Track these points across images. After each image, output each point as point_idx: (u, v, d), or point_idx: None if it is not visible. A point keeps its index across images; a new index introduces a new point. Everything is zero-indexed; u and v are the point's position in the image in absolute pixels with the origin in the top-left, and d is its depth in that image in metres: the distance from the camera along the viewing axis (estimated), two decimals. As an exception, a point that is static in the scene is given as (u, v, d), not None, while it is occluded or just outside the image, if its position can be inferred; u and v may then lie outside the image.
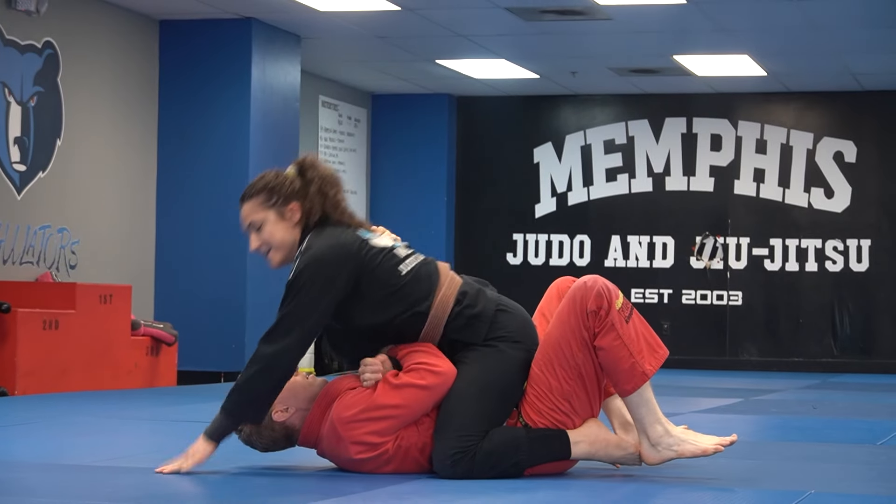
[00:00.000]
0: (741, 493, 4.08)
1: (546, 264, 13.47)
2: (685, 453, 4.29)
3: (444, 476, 4.16)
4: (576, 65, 11.97)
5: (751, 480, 4.39)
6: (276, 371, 4.15)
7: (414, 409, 4.15)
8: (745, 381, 10.86)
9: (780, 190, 13.05)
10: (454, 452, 4.12)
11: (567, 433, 4.26)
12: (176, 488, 3.98)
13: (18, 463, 4.64)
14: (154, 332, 9.09)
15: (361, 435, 4.13)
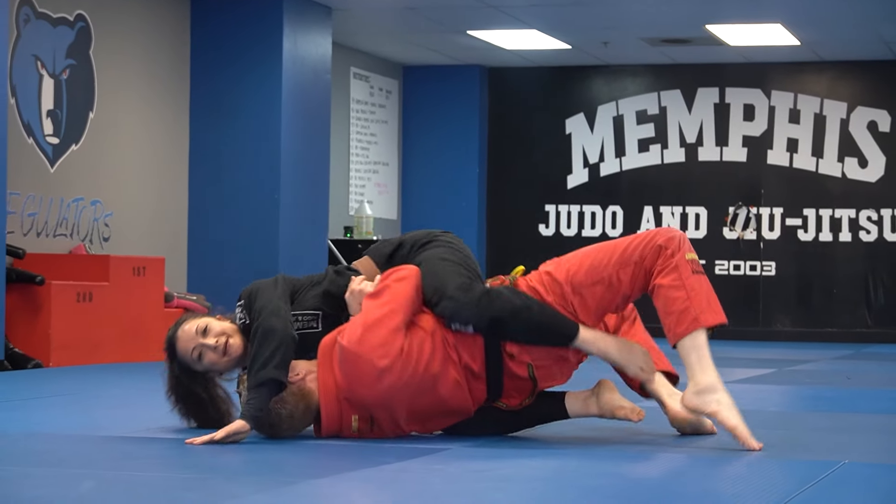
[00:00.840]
0: (774, 463, 4.07)
1: (578, 235, 13.43)
2: (723, 415, 4.26)
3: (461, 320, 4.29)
4: (608, 35, 11.91)
5: (784, 451, 4.37)
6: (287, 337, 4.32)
7: (401, 300, 4.31)
8: (778, 351, 10.82)
9: (814, 160, 12.97)
10: (457, 285, 4.32)
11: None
12: (207, 460, 3.99)
13: (52, 434, 4.66)
14: (187, 303, 9.09)
15: (375, 343, 4.24)
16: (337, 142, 12.06)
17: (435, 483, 3.62)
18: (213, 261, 10.09)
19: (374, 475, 3.74)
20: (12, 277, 7.94)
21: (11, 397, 6.13)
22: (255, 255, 10.03)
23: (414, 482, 3.64)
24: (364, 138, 12.83)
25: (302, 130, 10.29)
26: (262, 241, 10.05)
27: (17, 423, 5.04)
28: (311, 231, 10.45)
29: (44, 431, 4.75)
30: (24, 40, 8.55)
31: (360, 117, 12.76)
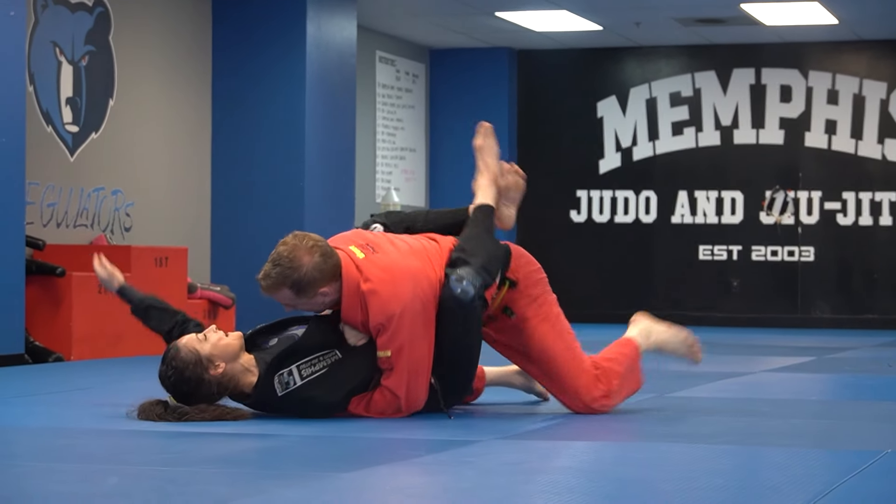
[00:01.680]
0: (815, 453, 4.08)
1: (611, 221, 13.31)
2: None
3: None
4: (640, 15, 11.79)
5: (825, 441, 4.42)
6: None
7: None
8: (817, 339, 10.86)
9: (853, 142, 12.82)
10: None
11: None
12: (233, 453, 4.03)
13: (75, 429, 4.66)
14: (211, 294, 9.01)
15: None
16: (363, 128, 11.97)
17: (467, 476, 3.61)
18: (237, 251, 10.01)
19: (405, 468, 3.75)
20: (32, 269, 7.90)
21: (33, 392, 6.17)
22: (280, 245, 9.91)
23: (445, 475, 3.65)
24: (390, 124, 12.72)
25: (327, 117, 10.19)
26: (286, 230, 9.75)
27: (39, 418, 5.07)
28: (337, 220, 10.35)
29: (66, 426, 4.77)
30: (42, 27, 8.45)
31: (387, 102, 12.66)
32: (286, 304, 4.79)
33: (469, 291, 4.67)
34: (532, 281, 5.04)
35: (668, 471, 3.77)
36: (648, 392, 5.98)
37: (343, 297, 4.72)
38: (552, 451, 4.17)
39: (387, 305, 4.66)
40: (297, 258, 4.70)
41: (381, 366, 4.71)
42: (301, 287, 4.68)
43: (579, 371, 4.96)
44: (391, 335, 4.65)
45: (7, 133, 7.46)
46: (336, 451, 4.09)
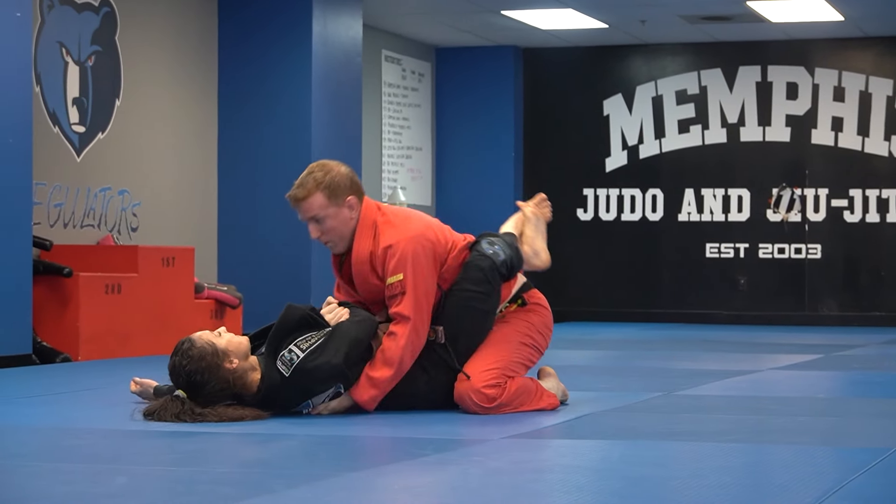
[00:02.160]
0: (823, 451, 4.08)
1: (618, 219, 13.28)
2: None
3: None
4: (645, 13, 11.76)
5: (833, 438, 4.41)
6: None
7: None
8: (824, 336, 10.82)
9: (860, 139, 12.79)
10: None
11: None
12: (241, 454, 4.02)
13: (83, 429, 4.66)
14: (218, 294, 9.00)
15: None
16: (369, 127, 11.95)
17: (474, 474, 3.61)
18: (244, 251, 10.00)
19: (412, 467, 3.74)
20: (39, 269, 7.88)
21: (41, 392, 6.16)
22: (287, 245, 9.93)
23: (452, 474, 3.64)
24: (396, 123, 12.70)
25: (333, 115, 10.18)
26: (293, 229, 9.93)
27: (47, 418, 5.07)
28: (344, 218, 10.31)
29: (74, 426, 4.76)
30: (48, 27, 8.45)
31: (393, 101, 12.64)
32: (315, 220, 4.94)
33: (500, 255, 4.95)
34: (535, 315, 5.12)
35: (676, 469, 3.76)
36: (656, 390, 5.97)
37: (358, 225, 4.94)
38: (560, 449, 4.17)
39: (398, 232, 4.90)
40: (328, 165, 5.01)
41: (391, 292, 4.85)
42: (333, 189, 4.90)
43: (503, 360, 4.95)
44: (400, 259, 4.85)
45: (14, 133, 7.46)
46: (343, 450, 4.09)
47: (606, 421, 4.84)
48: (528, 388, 4.98)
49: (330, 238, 4.97)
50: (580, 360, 7.92)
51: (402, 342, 4.81)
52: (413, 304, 4.83)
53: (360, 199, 4.98)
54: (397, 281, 4.84)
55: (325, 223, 4.93)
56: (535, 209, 5.34)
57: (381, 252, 4.88)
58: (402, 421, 4.70)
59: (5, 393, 6.03)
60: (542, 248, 5.29)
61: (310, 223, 4.98)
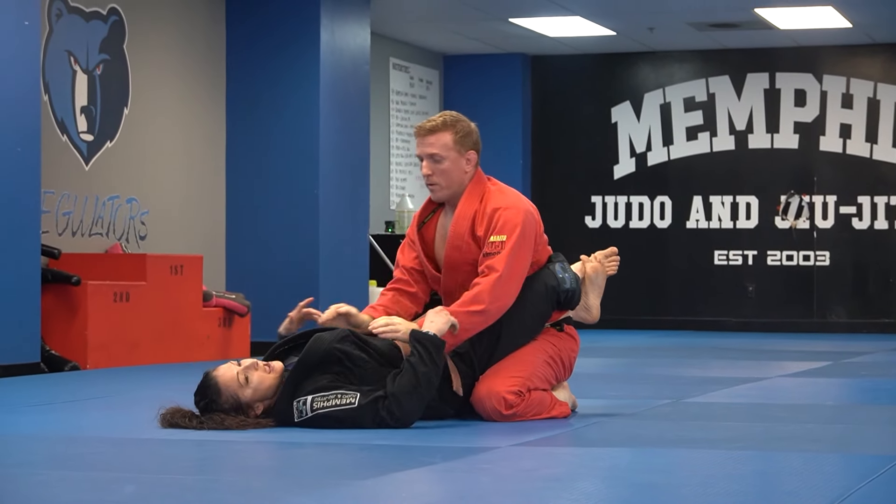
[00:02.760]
0: (832, 458, 4.06)
1: (626, 227, 13.28)
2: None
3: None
4: (653, 20, 11.75)
5: (842, 445, 4.40)
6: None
7: None
8: (833, 343, 10.81)
9: (868, 146, 12.78)
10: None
11: None
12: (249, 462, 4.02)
13: (91, 437, 4.66)
14: (226, 302, 9.00)
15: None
16: (377, 134, 11.95)
17: (483, 483, 3.61)
18: (252, 258, 9.99)
19: (421, 475, 3.74)
20: (48, 278, 7.89)
21: (49, 400, 6.15)
22: (295, 252, 9.92)
23: (461, 482, 3.64)
24: (404, 130, 12.70)
25: (341, 123, 10.17)
26: (301, 237, 9.94)
27: (56, 427, 5.06)
28: (352, 227, 10.33)
29: (82, 435, 4.77)
30: (56, 35, 8.46)
31: (401, 109, 12.65)
32: (434, 158, 4.96)
33: (566, 282, 5.04)
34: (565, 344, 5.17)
35: (685, 476, 3.75)
36: (665, 398, 5.96)
37: (471, 182, 5.00)
38: (569, 457, 4.16)
39: (510, 200, 4.97)
40: (462, 117, 5.06)
41: (491, 250, 4.88)
42: (463, 136, 4.96)
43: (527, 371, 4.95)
44: (508, 223, 4.89)
45: (22, 142, 7.46)
46: (353, 458, 4.08)
47: (615, 428, 4.83)
48: (542, 399, 4.98)
49: (439, 181, 4.99)
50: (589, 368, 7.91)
51: (486, 286, 4.82)
52: (507, 262, 4.86)
53: (478, 160, 5.05)
54: (500, 241, 4.89)
55: (443, 164, 4.97)
56: (597, 265, 5.36)
57: (489, 211, 4.94)
58: (411, 429, 4.69)
59: (14, 401, 6.03)
60: (594, 306, 5.36)
61: (426, 159, 5.00)
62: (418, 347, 4.62)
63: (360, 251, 10.41)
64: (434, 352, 4.63)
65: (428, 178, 5.00)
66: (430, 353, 4.62)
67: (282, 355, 4.89)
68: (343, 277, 10.14)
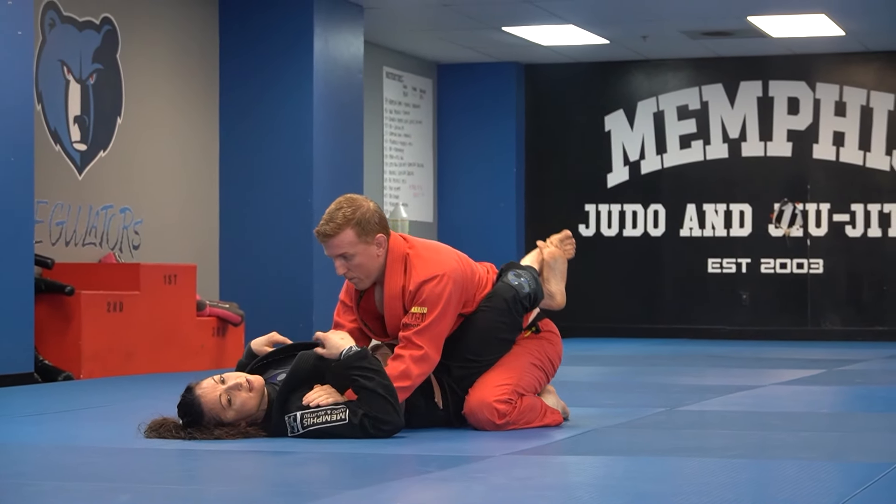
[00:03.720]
0: (826, 466, 4.06)
1: (620, 235, 13.27)
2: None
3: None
4: (646, 29, 11.75)
5: (836, 453, 4.40)
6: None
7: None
8: (827, 351, 10.79)
9: (861, 153, 12.78)
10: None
11: None
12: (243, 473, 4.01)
13: (85, 447, 4.65)
14: (220, 312, 8.98)
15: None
16: (370, 143, 11.95)
17: (477, 491, 3.60)
18: (246, 268, 9.98)
19: (415, 484, 3.74)
20: (41, 288, 7.87)
21: (42, 410, 6.13)
22: (289, 262, 9.92)
23: (455, 491, 3.63)
24: (398, 139, 12.70)
25: (334, 132, 10.17)
26: (295, 246, 9.94)
27: (49, 437, 5.06)
28: (346, 235, 10.30)
29: (76, 445, 4.76)
30: (49, 45, 8.45)
31: (394, 118, 12.64)
32: (343, 258, 4.91)
33: (524, 287, 5.00)
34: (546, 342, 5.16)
35: (679, 485, 3.75)
36: (659, 406, 5.96)
37: (388, 260, 4.93)
38: (564, 466, 4.16)
39: (431, 266, 4.90)
40: (357, 202, 4.97)
41: (410, 321, 4.84)
42: (363, 226, 4.88)
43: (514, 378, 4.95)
44: (430, 296, 4.84)
45: (15, 152, 7.45)
46: (347, 467, 4.07)
47: (609, 437, 4.83)
48: (534, 406, 4.99)
49: (356, 275, 4.94)
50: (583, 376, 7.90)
51: (408, 363, 4.80)
52: (428, 335, 4.83)
53: (387, 237, 4.95)
54: (420, 313, 4.84)
55: (354, 260, 4.90)
56: (554, 250, 5.36)
57: (413, 287, 4.87)
58: (405, 438, 4.69)
59: (7, 411, 6.02)
60: (557, 291, 5.34)
61: (337, 259, 4.93)
62: (353, 372, 4.67)
63: (354, 260, 10.40)
64: (364, 363, 4.68)
65: (346, 275, 4.96)
66: (364, 366, 4.67)
67: (261, 368, 4.89)
68: (337, 287, 10.06)
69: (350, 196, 5.00)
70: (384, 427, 4.63)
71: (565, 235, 5.46)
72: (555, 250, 5.37)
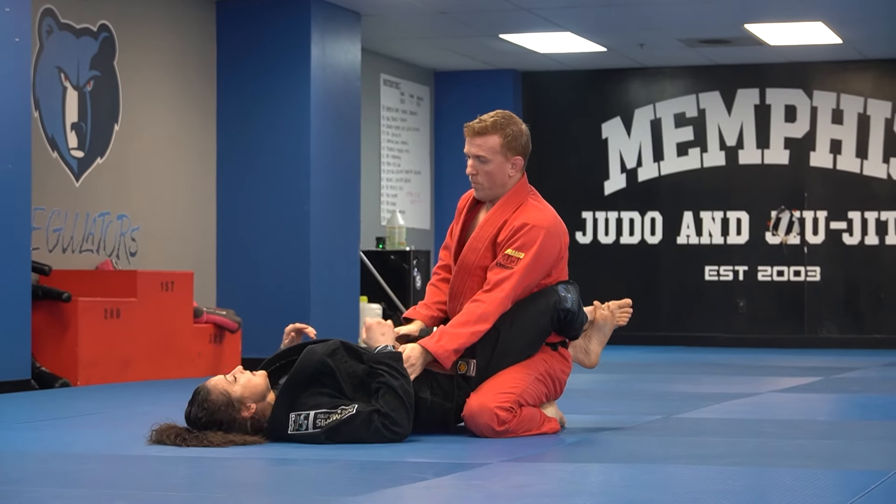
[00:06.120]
0: (823, 474, 4.06)
1: (617, 243, 13.27)
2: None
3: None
4: (644, 36, 11.76)
5: (832, 461, 4.39)
6: None
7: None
8: (824, 359, 10.79)
9: (858, 161, 12.78)
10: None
11: None
12: (240, 478, 4.01)
13: (82, 454, 4.65)
14: (217, 319, 8.98)
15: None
16: (367, 151, 11.95)
17: (473, 499, 3.59)
18: (243, 274, 9.98)
19: (412, 491, 3.73)
20: (38, 295, 7.87)
21: (39, 417, 6.14)
22: (286, 268, 9.91)
23: (452, 498, 3.63)
24: (395, 146, 12.70)
25: (331, 139, 10.17)
26: (292, 253, 9.93)
27: (46, 444, 5.05)
28: (343, 243, 10.32)
29: (73, 451, 4.76)
30: (47, 52, 8.45)
31: (391, 125, 12.64)
32: (479, 159, 4.98)
33: (567, 301, 5.02)
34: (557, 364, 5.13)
35: (676, 493, 3.75)
36: (656, 413, 5.95)
37: (513, 189, 5.03)
38: (560, 473, 4.15)
39: (542, 216, 4.98)
40: (514, 118, 5.09)
41: (504, 262, 4.91)
42: (512, 140, 5.01)
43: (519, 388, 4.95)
44: (529, 241, 4.91)
45: (13, 159, 7.45)
46: (344, 474, 4.07)
47: (606, 444, 4.83)
48: (533, 416, 4.99)
49: (483, 181, 5.02)
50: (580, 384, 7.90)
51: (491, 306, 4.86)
52: (513, 284, 4.89)
53: (524, 165, 5.05)
54: (517, 257, 4.91)
55: (487, 165, 5.00)
56: (607, 314, 5.38)
57: (517, 224, 4.95)
58: (402, 444, 4.68)
59: (4, 418, 6.01)
60: (594, 352, 5.40)
61: (472, 159, 5.02)
62: (381, 367, 4.72)
63: (351, 267, 10.41)
64: (395, 364, 4.74)
65: (472, 177, 5.03)
66: (393, 366, 4.72)
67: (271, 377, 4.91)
68: (334, 294, 10.13)
69: (508, 112, 5.12)
70: (395, 428, 4.66)
71: (625, 304, 5.48)
72: (608, 314, 5.37)
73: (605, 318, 5.36)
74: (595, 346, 5.35)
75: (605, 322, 5.36)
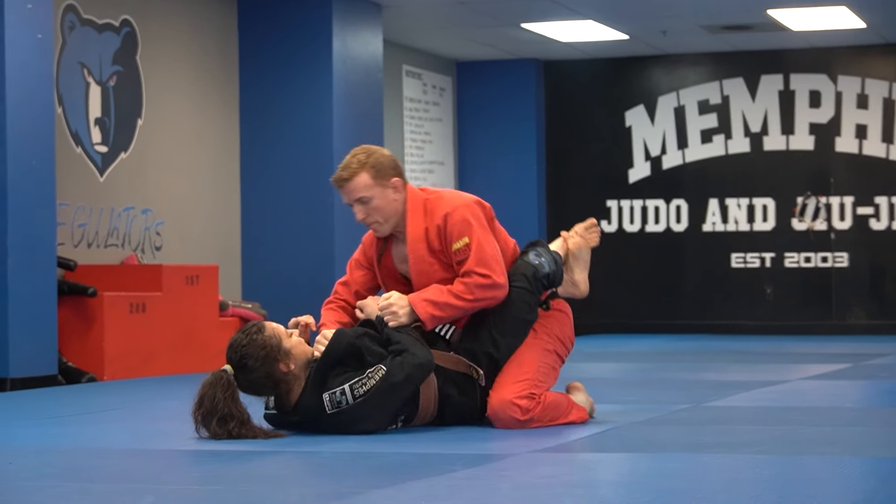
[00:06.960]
0: (853, 461, 4.04)
1: (642, 231, 13.23)
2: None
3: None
4: (666, 23, 11.72)
5: (863, 448, 4.38)
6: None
7: None
8: (852, 345, 10.75)
9: (884, 146, 12.71)
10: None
11: None
12: (266, 472, 4.00)
13: (109, 449, 4.67)
14: (242, 312, 9.00)
15: None
16: (390, 142, 11.94)
17: (503, 490, 3.60)
18: (268, 267, 9.99)
19: (441, 483, 3.72)
20: (64, 290, 7.89)
21: (67, 412, 6.16)
22: (311, 261, 9.92)
23: (481, 489, 3.62)
24: (418, 137, 12.69)
25: (354, 131, 10.17)
26: (316, 245, 9.94)
27: (74, 439, 5.07)
28: (367, 234, 10.30)
29: (100, 446, 4.77)
30: (69, 48, 8.47)
31: (414, 116, 12.63)
32: (360, 202, 4.97)
33: (545, 267, 5.05)
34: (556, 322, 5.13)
35: (705, 481, 3.73)
36: (684, 402, 5.93)
37: (407, 206, 5.00)
38: (588, 463, 4.15)
39: (451, 202, 4.98)
40: (371, 148, 5.06)
41: (460, 257, 4.92)
42: (378, 169, 4.97)
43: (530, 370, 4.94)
44: (461, 223, 4.92)
45: (37, 155, 7.47)
46: (371, 466, 4.07)
47: (633, 434, 4.82)
48: (559, 402, 4.96)
49: (376, 219, 5.00)
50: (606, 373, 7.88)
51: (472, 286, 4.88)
52: (480, 258, 4.90)
53: (404, 182, 5.04)
54: (464, 245, 4.92)
55: (371, 203, 4.97)
56: (578, 240, 5.36)
57: (440, 221, 4.95)
58: (430, 437, 4.68)
59: (31, 413, 6.04)
60: (581, 280, 5.35)
61: (355, 206, 5.01)
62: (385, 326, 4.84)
63: (375, 259, 10.40)
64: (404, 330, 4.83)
65: (365, 220, 5.01)
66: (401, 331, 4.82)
67: None
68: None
69: (364, 145, 5.11)
70: (415, 360, 4.68)
71: (590, 224, 5.46)
72: (579, 240, 5.37)
73: (579, 245, 5.38)
74: (580, 275, 5.35)
75: (580, 249, 5.38)
